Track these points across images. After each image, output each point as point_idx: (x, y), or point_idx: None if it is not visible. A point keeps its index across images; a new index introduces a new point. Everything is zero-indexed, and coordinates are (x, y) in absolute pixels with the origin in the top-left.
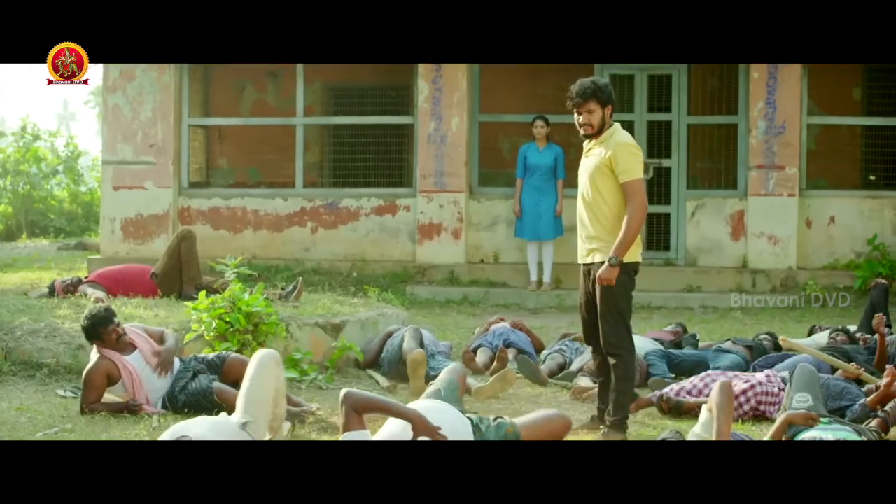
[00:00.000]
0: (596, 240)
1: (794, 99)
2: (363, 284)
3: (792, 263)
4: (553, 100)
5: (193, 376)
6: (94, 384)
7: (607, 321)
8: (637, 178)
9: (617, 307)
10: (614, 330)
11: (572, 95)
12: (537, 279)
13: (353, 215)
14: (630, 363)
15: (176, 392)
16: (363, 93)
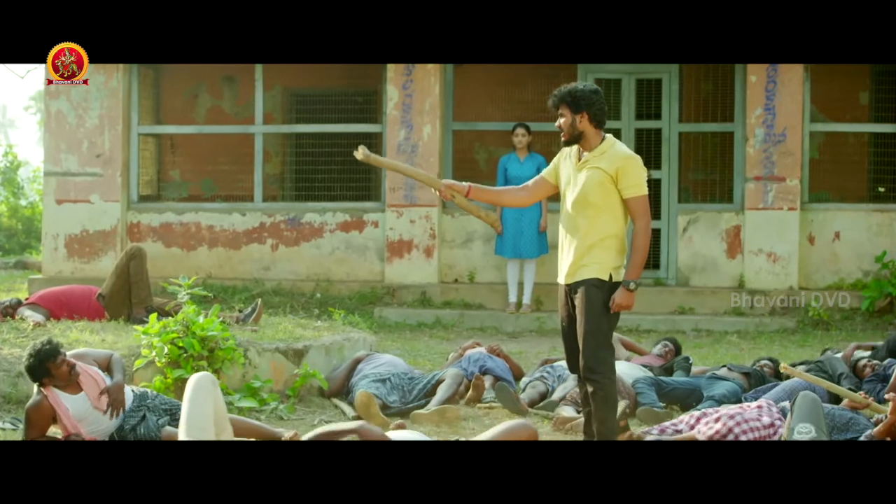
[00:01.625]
0: (588, 256)
1: (795, 104)
2: (328, 306)
3: (793, 283)
4: (534, 106)
5: (143, 417)
6: (35, 423)
7: (589, 344)
8: (644, 195)
9: (600, 328)
10: (595, 354)
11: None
12: (517, 300)
13: (317, 231)
14: (611, 389)
15: (125, 431)
16: (327, 99)
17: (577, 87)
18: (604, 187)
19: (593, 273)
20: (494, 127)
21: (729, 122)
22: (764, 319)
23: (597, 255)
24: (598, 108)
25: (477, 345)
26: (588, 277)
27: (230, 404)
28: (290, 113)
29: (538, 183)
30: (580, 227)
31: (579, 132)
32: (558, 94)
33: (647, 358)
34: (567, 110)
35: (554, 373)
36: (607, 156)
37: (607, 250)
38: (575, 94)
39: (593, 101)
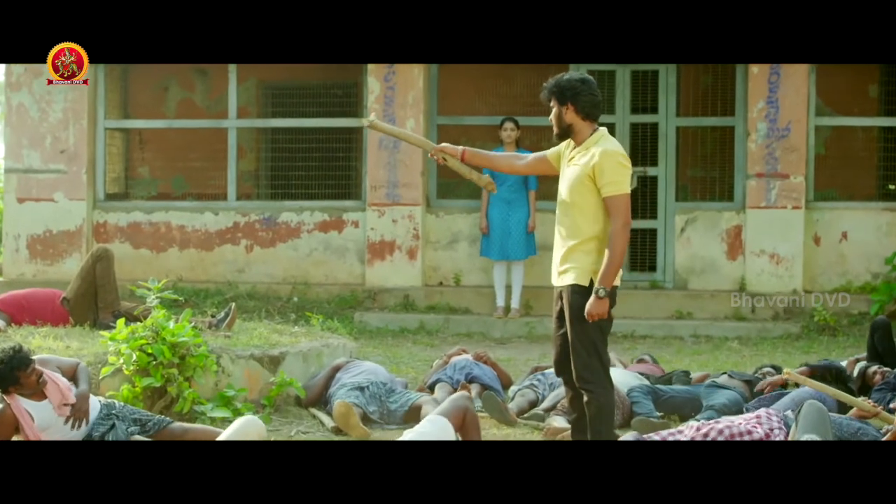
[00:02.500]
0: (569, 260)
1: (799, 97)
2: (305, 311)
3: (797, 286)
4: (523, 99)
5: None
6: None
7: (578, 354)
8: (623, 194)
9: (589, 337)
10: (585, 363)
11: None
12: (504, 304)
13: (294, 232)
14: (605, 400)
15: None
16: (305, 91)
17: (564, 77)
18: (584, 185)
19: (573, 278)
20: (481, 121)
21: (729, 116)
22: (766, 324)
23: (577, 259)
24: (586, 99)
25: (463, 351)
26: (570, 283)
27: (202, 414)
28: (266, 106)
29: (539, 158)
30: (564, 227)
31: (567, 125)
32: (547, 86)
33: (645, 366)
34: (555, 102)
35: (545, 380)
36: (589, 151)
37: (588, 254)
38: (561, 85)
39: (580, 92)
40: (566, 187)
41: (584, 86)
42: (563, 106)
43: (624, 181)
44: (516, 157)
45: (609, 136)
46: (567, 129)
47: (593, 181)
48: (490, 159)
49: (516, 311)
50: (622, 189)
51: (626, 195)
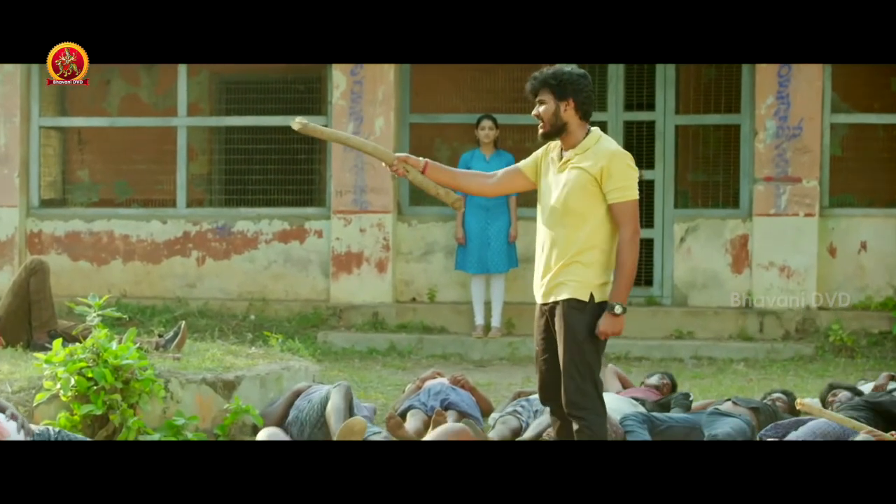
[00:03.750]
0: (565, 273)
1: (813, 92)
2: (263, 330)
3: (810, 302)
4: (503, 96)
5: None
6: None
7: (572, 376)
8: (632, 200)
9: (585, 359)
10: (579, 387)
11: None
12: (484, 323)
13: (250, 242)
14: (598, 429)
15: None
16: (263, 87)
17: (564, 69)
18: (587, 191)
19: (572, 292)
20: (458, 119)
21: (735, 114)
22: (776, 345)
23: (577, 272)
24: (586, 95)
25: (438, 375)
26: (566, 297)
27: None
28: (220, 103)
29: (511, 174)
30: (559, 237)
31: (562, 123)
32: (540, 77)
33: (639, 390)
34: (550, 96)
35: (529, 407)
36: (591, 153)
37: (589, 266)
38: (561, 78)
39: (581, 87)
40: (563, 193)
41: (584, 81)
42: (563, 102)
43: (633, 186)
44: (484, 176)
45: (606, 136)
46: (561, 129)
47: (599, 186)
48: (454, 177)
49: (497, 329)
50: (631, 195)
51: (635, 201)
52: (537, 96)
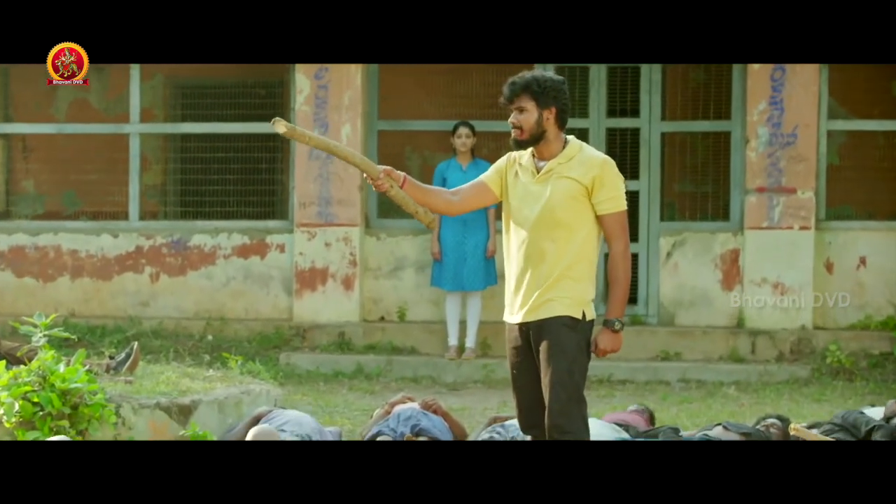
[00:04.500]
0: (554, 289)
1: (809, 96)
2: (221, 351)
3: (806, 322)
4: (477, 101)
5: None
6: None
7: (558, 397)
8: (623, 210)
9: (573, 379)
10: (564, 409)
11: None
12: (458, 343)
13: (208, 257)
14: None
15: None
16: (221, 91)
17: (546, 75)
18: (577, 202)
19: (564, 310)
20: (430, 126)
21: (725, 120)
22: (769, 367)
23: (567, 288)
24: (566, 103)
25: (408, 399)
26: (558, 315)
27: None
28: (175, 109)
29: (476, 189)
30: (546, 252)
31: (542, 132)
32: (520, 82)
33: (622, 414)
34: (532, 103)
35: (506, 433)
36: (577, 162)
37: (580, 281)
38: (544, 84)
39: (563, 94)
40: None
41: (565, 87)
42: (546, 109)
43: (622, 196)
44: (450, 193)
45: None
46: (539, 138)
47: (588, 196)
48: (425, 194)
49: (472, 351)
50: (622, 205)
51: (625, 212)
52: (514, 103)
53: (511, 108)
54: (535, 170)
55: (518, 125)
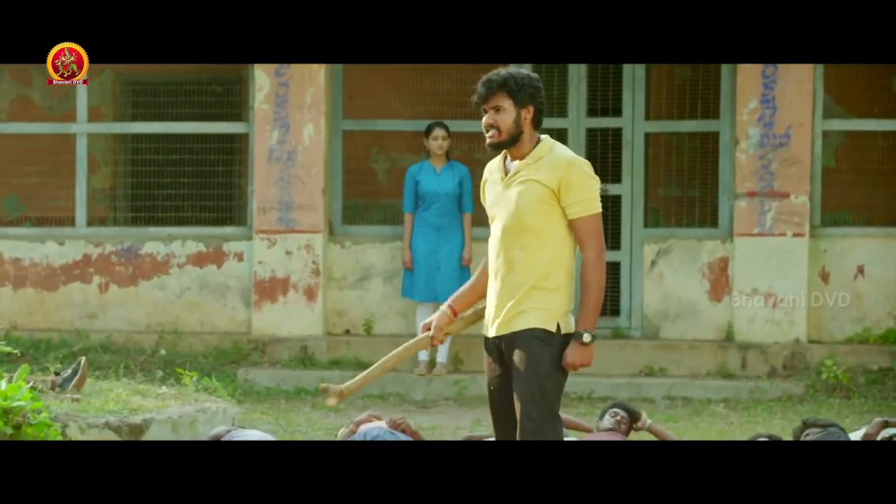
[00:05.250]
0: (528, 300)
1: (803, 94)
2: (175, 367)
3: (800, 335)
4: (450, 99)
5: None
6: None
7: (530, 415)
8: (596, 214)
9: (546, 396)
10: (538, 428)
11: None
12: (429, 358)
13: (161, 266)
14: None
15: None
16: (175, 89)
17: (521, 72)
18: (544, 205)
19: (537, 322)
20: (399, 126)
21: (713, 120)
22: (761, 383)
23: (541, 299)
24: (542, 101)
25: (375, 417)
26: (530, 328)
27: None
28: (125, 107)
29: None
30: (516, 260)
31: (519, 132)
32: (497, 79)
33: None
34: (509, 102)
35: None
36: (545, 163)
37: (555, 291)
38: (521, 81)
39: (539, 92)
40: (517, 210)
41: (540, 85)
42: (524, 108)
43: (595, 198)
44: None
45: (559, 143)
46: (516, 139)
47: (557, 200)
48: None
49: (443, 366)
50: (594, 208)
51: (598, 216)
52: (489, 102)
53: (485, 108)
54: (505, 172)
55: (495, 125)
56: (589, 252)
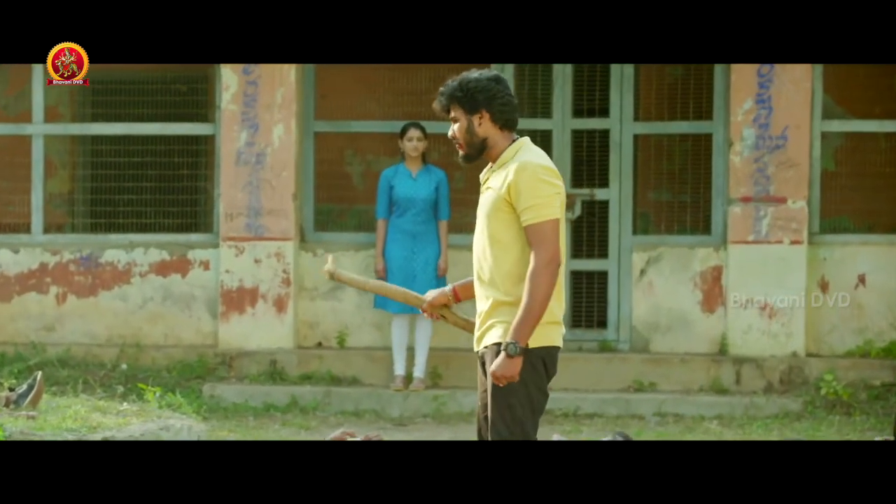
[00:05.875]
0: (494, 314)
1: (801, 94)
2: (137, 382)
3: (798, 348)
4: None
5: None
6: None
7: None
8: (547, 220)
9: (516, 416)
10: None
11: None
12: (405, 373)
13: (122, 276)
14: None
15: None
16: (137, 87)
17: (470, 75)
18: (502, 213)
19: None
20: (374, 128)
21: (706, 121)
22: (756, 399)
23: (506, 312)
24: (502, 101)
25: (349, 435)
26: (497, 342)
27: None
28: (84, 107)
29: None
30: (484, 272)
31: (481, 140)
32: (446, 90)
33: None
34: (460, 111)
35: None
36: (505, 168)
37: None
38: (468, 87)
39: (495, 93)
40: (482, 219)
41: (497, 85)
42: (475, 115)
43: (547, 203)
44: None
45: (531, 145)
46: (481, 146)
47: (512, 207)
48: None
49: (420, 381)
50: (545, 214)
51: (550, 222)
52: (449, 114)
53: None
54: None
55: (454, 138)
56: (536, 259)
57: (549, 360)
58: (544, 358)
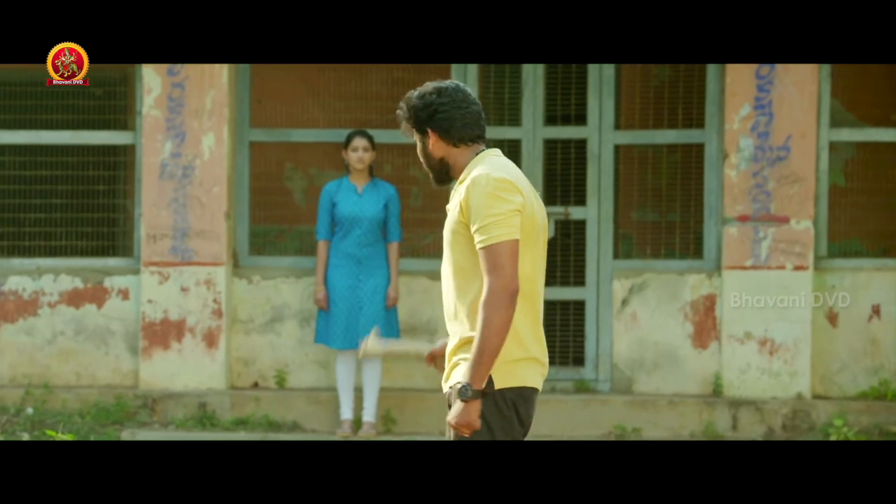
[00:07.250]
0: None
1: (805, 99)
2: (45, 428)
3: (803, 388)
4: (379, 105)
5: None
6: None
7: None
8: (501, 242)
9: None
10: None
11: None
12: (353, 417)
13: (28, 306)
14: None
15: None
16: (45, 91)
17: (413, 94)
18: (458, 237)
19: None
20: (318, 137)
21: (697, 129)
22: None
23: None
24: (444, 116)
25: None
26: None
27: None
28: None
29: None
30: (448, 303)
31: (438, 160)
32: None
33: None
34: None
35: None
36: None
37: None
38: (411, 105)
39: (435, 109)
40: (445, 246)
41: (441, 98)
42: (423, 135)
43: (501, 222)
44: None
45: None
46: (443, 166)
47: (468, 228)
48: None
49: (370, 426)
50: (499, 235)
51: (505, 244)
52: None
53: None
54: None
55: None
56: (487, 287)
57: (520, 403)
58: (514, 400)
